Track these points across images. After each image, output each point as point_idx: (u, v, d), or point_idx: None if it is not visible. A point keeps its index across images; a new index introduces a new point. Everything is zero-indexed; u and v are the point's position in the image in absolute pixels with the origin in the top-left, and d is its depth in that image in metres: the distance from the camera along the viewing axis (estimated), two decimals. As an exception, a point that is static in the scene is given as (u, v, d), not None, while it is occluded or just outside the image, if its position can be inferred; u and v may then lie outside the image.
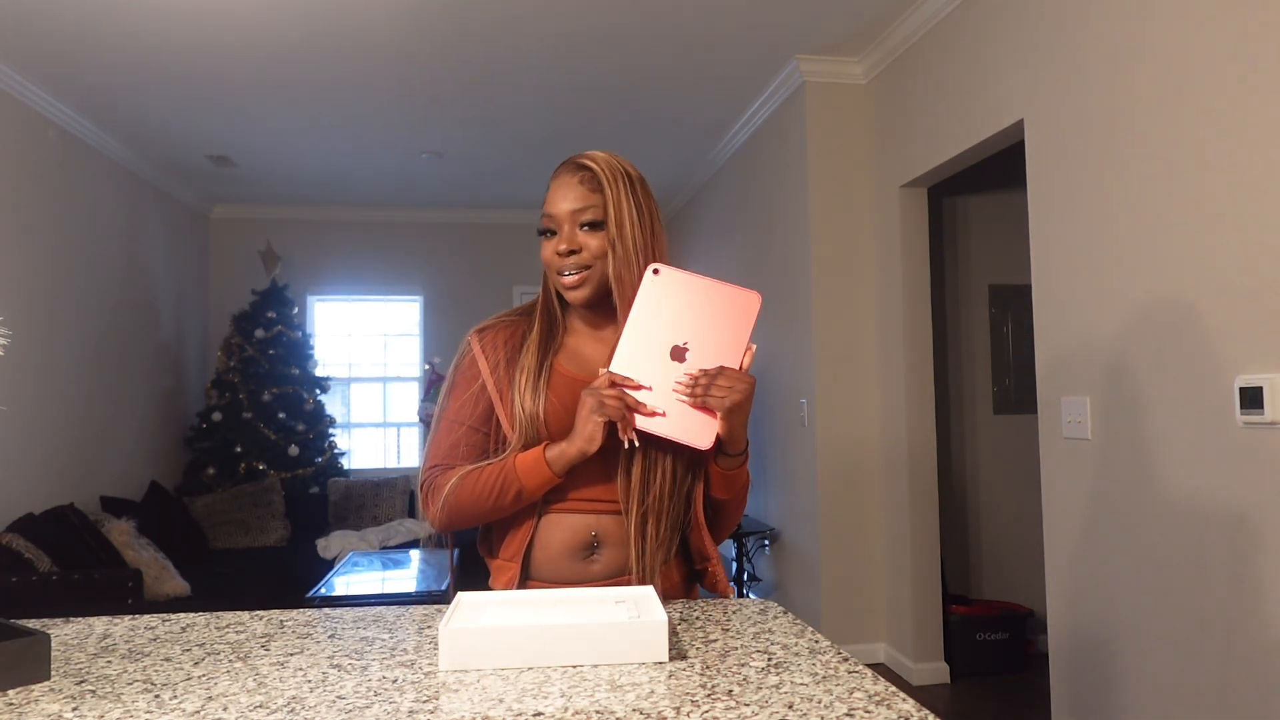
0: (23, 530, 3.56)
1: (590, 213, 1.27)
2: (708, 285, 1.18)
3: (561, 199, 1.29)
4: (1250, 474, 2.00)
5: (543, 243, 1.32)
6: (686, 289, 1.18)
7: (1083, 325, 2.59)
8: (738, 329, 1.18)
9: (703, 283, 1.18)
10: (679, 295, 1.17)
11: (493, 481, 1.24)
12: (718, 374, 1.16)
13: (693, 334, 1.18)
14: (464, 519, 1.28)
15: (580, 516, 1.28)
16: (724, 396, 1.16)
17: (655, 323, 1.17)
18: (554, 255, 1.28)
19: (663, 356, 1.18)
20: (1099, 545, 2.52)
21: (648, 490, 1.26)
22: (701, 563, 1.36)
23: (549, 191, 1.31)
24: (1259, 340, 1.97)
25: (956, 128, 3.26)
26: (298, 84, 4.08)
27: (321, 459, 5.98)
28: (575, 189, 1.29)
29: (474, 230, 6.79)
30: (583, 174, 1.29)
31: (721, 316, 1.18)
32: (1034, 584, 4.11)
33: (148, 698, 0.86)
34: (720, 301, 1.17)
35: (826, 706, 0.81)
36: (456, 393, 1.33)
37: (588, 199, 1.28)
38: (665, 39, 3.67)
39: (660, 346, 1.18)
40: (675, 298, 1.17)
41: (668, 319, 1.17)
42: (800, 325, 4.10)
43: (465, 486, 1.26)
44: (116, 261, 5.00)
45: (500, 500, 1.24)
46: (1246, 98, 2.00)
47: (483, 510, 1.27)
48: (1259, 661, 1.98)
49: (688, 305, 1.18)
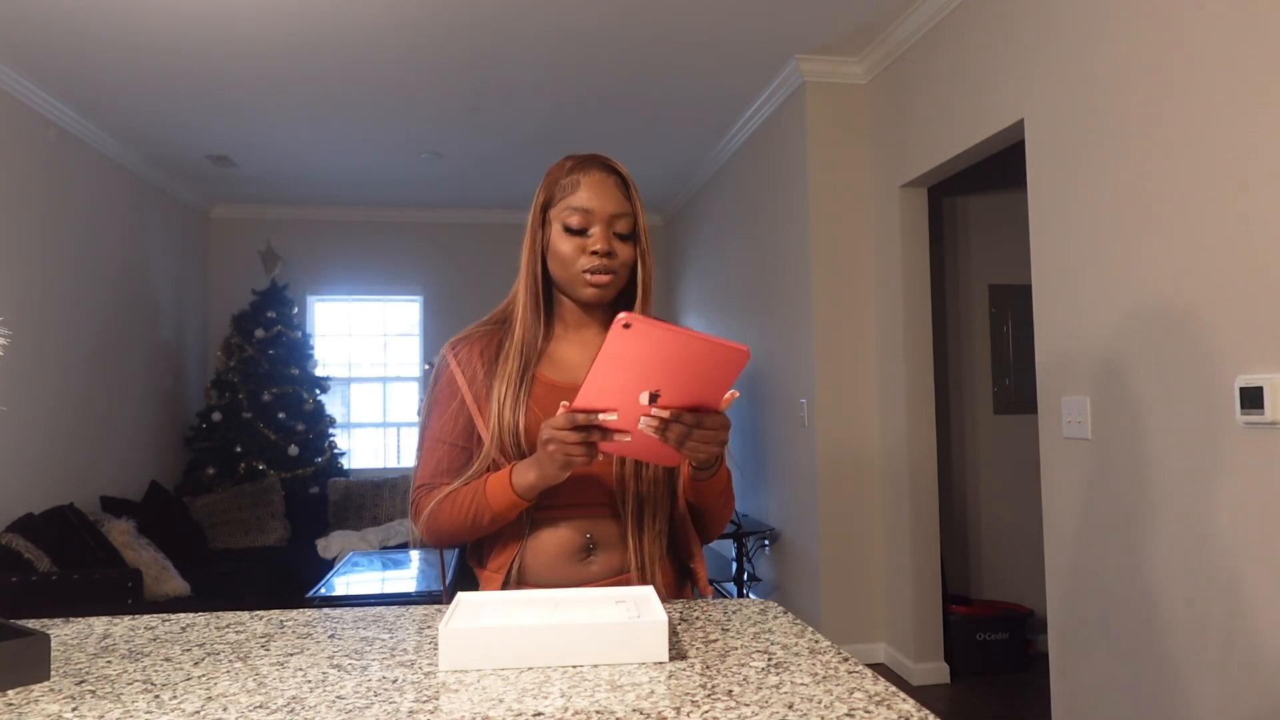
0: (23, 530, 3.56)
1: (624, 222, 1.27)
2: (685, 338, 1.00)
3: (600, 198, 1.25)
4: (1250, 474, 2.00)
5: (561, 236, 1.27)
6: (662, 343, 1.00)
7: (1083, 325, 2.59)
8: (719, 382, 1.06)
9: (680, 336, 0.99)
10: (651, 349, 1.00)
11: (467, 506, 1.24)
12: (695, 424, 1.07)
13: (665, 384, 1.05)
14: (449, 539, 1.28)
15: (574, 521, 1.27)
16: (697, 449, 1.09)
17: (623, 374, 1.03)
18: (583, 253, 1.25)
19: (632, 397, 1.06)
20: (1099, 545, 2.52)
21: (640, 483, 1.26)
22: (687, 559, 1.35)
23: (574, 187, 1.26)
24: (1259, 340, 1.97)
25: (956, 128, 3.26)
26: (298, 84, 4.08)
27: (321, 459, 5.98)
28: (613, 192, 1.27)
29: (474, 230, 6.79)
30: (616, 178, 1.28)
31: (699, 370, 1.04)
32: (1034, 584, 4.11)
33: (148, 698, 0.86)
34: (699, 355, 1.02)
35: (826, 706, 0.81)
36: (437, 410, 1.32)
37: (623, 205, 1.27)
38: (665, 39, 3.67)
39: (629, 392, 1.05)
40: (647, 351, 1.01)
41: (638, 371, 1.03)
42: (800, 325, 4.10)
43: (443, 509, 1.26)
44: (116, 261, 5.00)
45: (478, 522, 1.24)
46: (1246, 97, 2.00)
47: (463, 531, 1.26)
48: (1259, 662, 1.98)
49: (662, 359, 1.02)
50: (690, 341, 1.00)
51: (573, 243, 1.26)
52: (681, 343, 1.00)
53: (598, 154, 1.31)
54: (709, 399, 1.08)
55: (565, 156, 1.33)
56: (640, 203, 1.30)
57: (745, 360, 1.03)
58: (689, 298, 6.40)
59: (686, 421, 1.07)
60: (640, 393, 1.05)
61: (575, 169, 1.28)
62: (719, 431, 1.10)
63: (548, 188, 1.30)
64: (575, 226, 1.25)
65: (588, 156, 1.30)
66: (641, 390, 1.05)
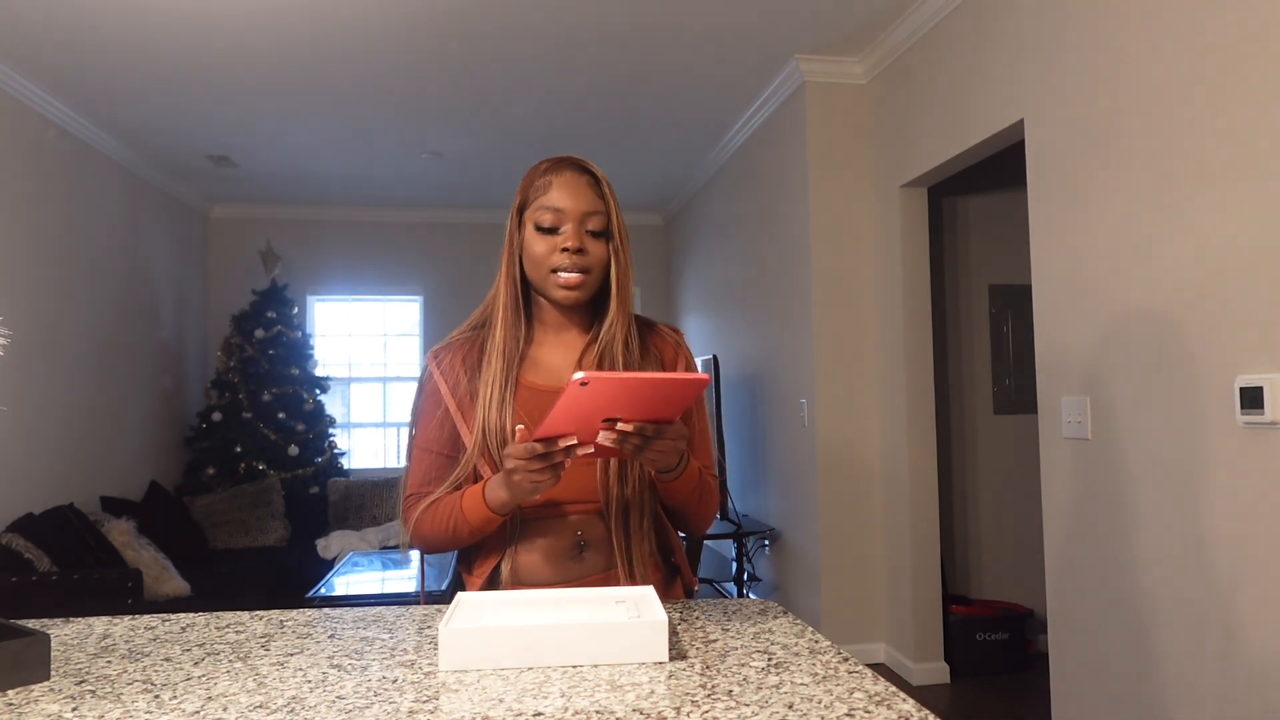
0: (23, 530, 3.56)
1: (596, 220, 1.28)
2: (643, 381, 1.02)
3: (571, 197, 1.27)
4: (1250, 474, 2.00)
5: (534, 236, 1.28)
6: (621, 387, 1.02)
7: (1083, 325, 2.59)
8: (679, 403, 1.08)
9: (637, 381, 1.01)
10: (612, 391, 1.02)
11: (445, 519, 1.25)
12: (655, 435, 1.09)
13: (625, 413, 1.07)
14: (435, 548, 1.30)
15: (565, 520, 1.28)
16: (655, 460, 1.13)
17: (584, 410, 1.04)
18: (555, 253, 1.26)
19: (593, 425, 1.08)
20: (1099, 545, 2.52)
21: (625, 485, 1.28)
22: (669, 555, 1.37)
23: (547, 188, 1.28)
24: (1259, 340, 1.97)
25: (956, 128, 3.26)
26: (298, 84, 4.08)
27: (321, 459, 5.98)
28: (585, 191, 1.28)
29: (474, 230, 6.80)
30: (588, 177, 1.29)
31: (659, 398, 1.06)
32: (1034, 584, 4.11)
33: (148, 698, 0.86)
34: (658, 389, 1.04)
35: (826, 706, 0.81)
36: (423, 420, 1.33)
37: (595, 204, 1.28)
38: (665, 39, 3.67)
39: (590, 421, 1.07)
40: (608, 393, 1.02)
41: (600, 407, 1.05)
42: (800, 325, 4.10)
43: (425, 520, 1.28)
44: (116, 261, 5.00)
45: (457, 534, 1.25)
46: (1246, 97, 2.00)
47: (445, 543, 1.28)
48: (1259, 662, 1.98)
49: (621, 397, 1.04)
50: (648, 382, 1.02)
51: (545, 242, 1.27)
52: (640, 383, 1.02)
53: (572, 155, 1.33)
54: (667, 415, 1.11)
55: (541, 160, 1.35)
56: (615, 201, 1.31)
57: (704, 386, 1.05)
58: (689, 298, 6.40)
59: (647, 433, 1.09)
60: (601, 419, 1.07)
61: (549, 170, 1.30)
62: (677, 441, 1.12)
63: (523, 190, 1.32)
64: (547, 225, 1.27)
65: (562, 158, 1.32)
66: (602, 418, 1.07)
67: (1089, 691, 2.57)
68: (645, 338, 1.37)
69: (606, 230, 1.29)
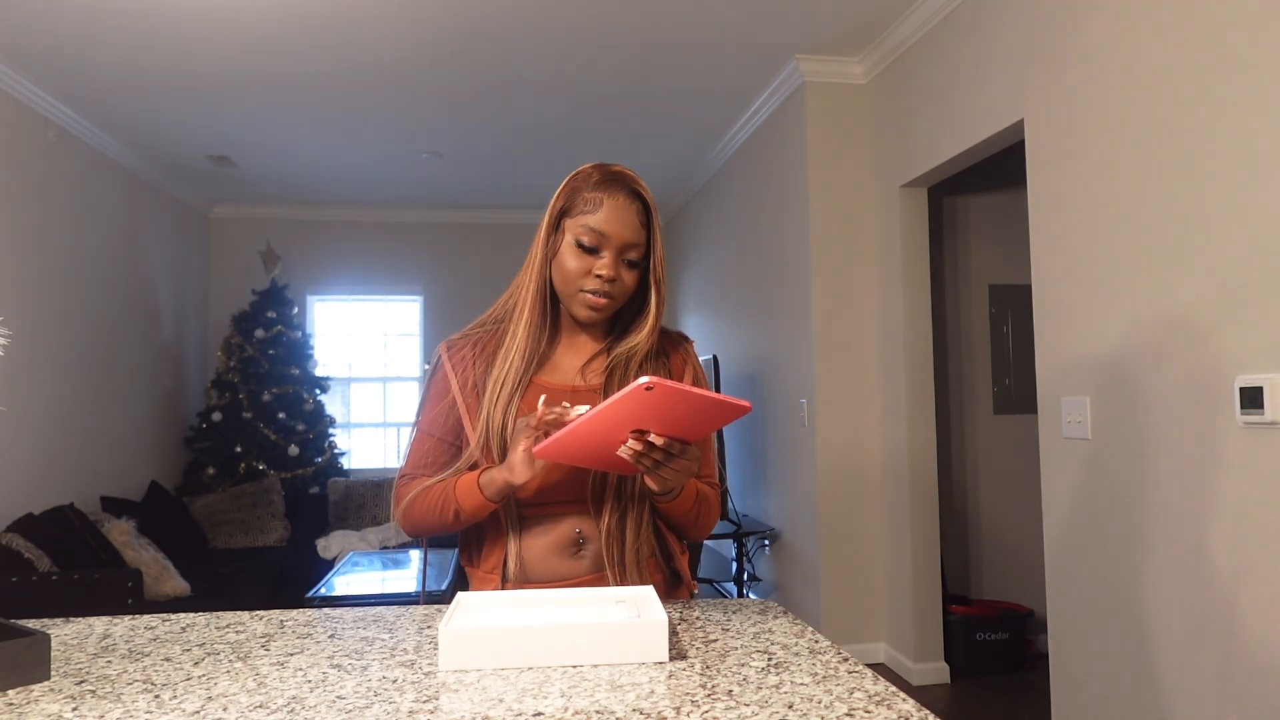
0: (23, 530, 3.56)
1: (635, 251, 1.27)
2: (700, 398, 1.02)
3: (618, 223, 1.24)
4: (1250, 474, 2.00)
5: (570, 250, 1.26)
6: (677, 401, 1.03)
7: (1083, 325, 2.59)
8: (710, 425, 1.10)
9: (696, 396, 1.02)
10: (663, 406, 1.03)
11: (437, 500, 1.26)
12: (679, 454, 1.11)
13: (660, 427, 1.08)
14: (423, 530, 1.30)
15: (564, 518, 1.28)
16: (667, 480, 1.14)
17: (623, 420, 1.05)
18: (588, 274, 1.25)
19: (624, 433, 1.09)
20: (1099, 545, 2.52)
21: (621, 489, 1.28)
22: (669, 559, 1.37)
23: (596, 206, 1.24)
24: (1259, 340, 1.97)
25: (956, 128, 3.26)
26: (298, 84, 4.08)
27: (321, 459, 5.98)
28: (632, 220, 1.25)
29: (474, 230, 6.80)
30: (638, 205, 1.26)
31: (697, 418, 1.07)
32: (1034, 584, 4.11)
33: (148, 698, 0.86)
34: (703, 408, 1.05)
35: (826, 706, 0.81)
36: (429, 405, 1.34)
37: (638, 235, 1.26)
38: (665, 39, 3.67)
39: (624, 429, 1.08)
40: (658, 408, 1.04)
41: (643, 417, 1.06)
42: (800, 325, 4.10)
43: (417, 502, 1.28)
44: (116, 261, 5.00)
45: (444, 517, 1.26)
46: (1246, 97, 2.00)
47: (434, 525, 1.28)
48: (1259, 661, 1.98)
49: (669, 411, 1.05)
50: (704, 401, 1.03)
51: (581, 261, 1.25)
52: (696, 399, 1.02)
53: (625, 173, 1.28)
54: (695, 435, 1.11)
55: (593, 165, 1.30)
56: (659, 230, 1.30)
57: (744, 414, 1.06)
58: (689, 298, 6.40)
59: (673, 450, 1.10)
60: (632, 428, 1.08)
61: (600, 186, 1.26)
62: (691, 463, 1.14)
63: (568, 195, 1.27)
64: (588, 245, 1.25)
65: (615, 175, 1.27)
66: (638, 428, 1.08)
67: (1089, 691, 2.57)
68: (656, 344, 1.37)
69: (643, 261, 1.29)
